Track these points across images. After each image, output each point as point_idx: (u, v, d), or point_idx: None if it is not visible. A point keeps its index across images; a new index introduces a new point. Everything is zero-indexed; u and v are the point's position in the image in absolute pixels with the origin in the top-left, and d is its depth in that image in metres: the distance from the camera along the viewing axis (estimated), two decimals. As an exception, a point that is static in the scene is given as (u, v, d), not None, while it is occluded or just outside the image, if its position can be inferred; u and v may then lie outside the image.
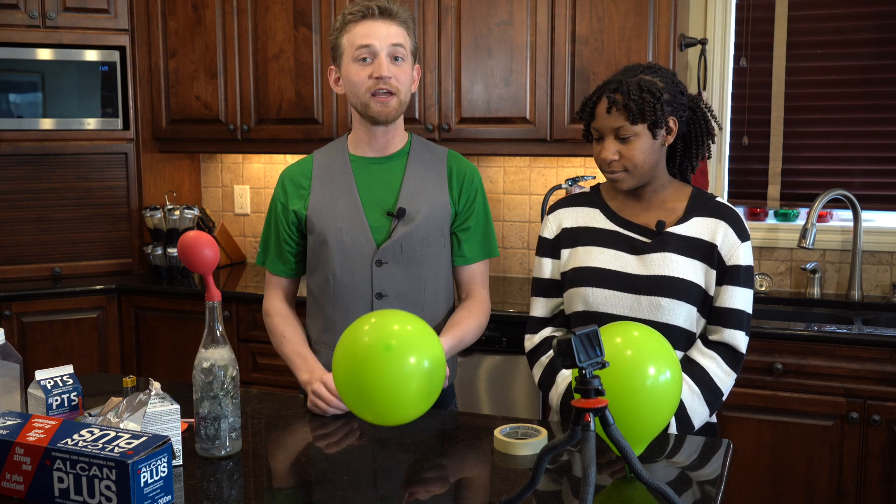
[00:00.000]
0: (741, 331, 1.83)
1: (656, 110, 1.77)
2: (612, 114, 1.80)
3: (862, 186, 3.20)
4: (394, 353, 1.46)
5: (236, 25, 3.55)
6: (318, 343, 2.09)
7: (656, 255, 1.84)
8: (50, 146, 3.57)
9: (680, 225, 1.85)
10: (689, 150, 1.93)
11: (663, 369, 1.50)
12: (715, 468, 1.62)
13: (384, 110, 1.97)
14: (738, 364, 1.84)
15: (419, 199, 2.02)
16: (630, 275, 1.84)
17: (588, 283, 1.87)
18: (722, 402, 1.84)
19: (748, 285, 1.84)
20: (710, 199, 1.89)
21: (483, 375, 3.03)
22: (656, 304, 1.82)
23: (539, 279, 2.00)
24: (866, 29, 3.16)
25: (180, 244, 1.68)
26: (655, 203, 1.90)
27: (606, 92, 1.81)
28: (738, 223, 1.85)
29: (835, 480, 2.71)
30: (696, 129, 1.90)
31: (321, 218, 2.03)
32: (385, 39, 1.94)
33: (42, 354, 3.39)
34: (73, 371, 1.73)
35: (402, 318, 1.54)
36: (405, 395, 1.48)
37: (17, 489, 1.44)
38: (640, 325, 1.58)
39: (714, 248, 1.83)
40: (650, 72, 1.83)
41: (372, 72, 1.95)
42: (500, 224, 3.65)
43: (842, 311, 3.10)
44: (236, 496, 1.51)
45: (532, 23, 3.16)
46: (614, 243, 1.88)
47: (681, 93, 1.84)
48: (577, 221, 1.95)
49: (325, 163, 2.09)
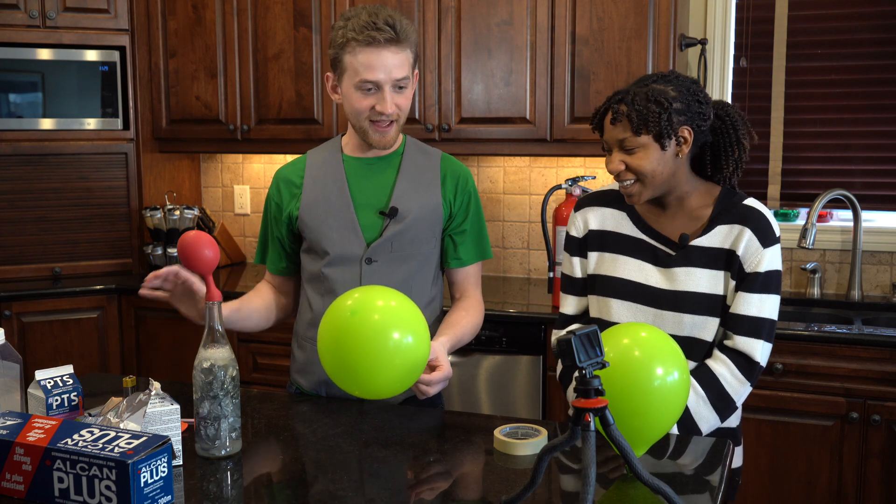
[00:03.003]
0: (756, 339, 1.76)
1: (661, 120, 1.72)
2: (615, 125, 1.77)
3: (862, 186, 3.20)
4: (359, 316, 1.61)
5: (236, 25, 3.55)
6: (304, 339, 2.09)
7: (680, 270, 1.80)
8: (50, 146, 3.57)
9: (703, 236, 1.81)
10: (717, 161, 1.85)
11: (671, 370, 1.50)
12: (715, 468, 1.62)
13: (383, 139, 1.99)
14: (752, 372, 1.77)
15: (411, 200, 2.03)
16: (654, 288, 1.82)
17: (612, 295, 1.85)
18: (735, 408, 1.79)
19: (767, 291, 1.77)
20: (737, 203, 1.82)
21: (483, 375, 3.03)
22: (679, 319, 1.79)
23: (569, 277, 1.97)
24: (866, 29, 3.16)
25: (180, 244, 1.68)
26: (681, 211, 1.85)
27: (612, 103, 1.78)
28: (764, 226, 1.78)
29: (835, 480, 2.71)
30: (724, 139, 1.82)
31: (312, 216, 2.04)
32: (390, 73, 1.90)
33: (42, 354, 3.39)
34: (73, 371, 1.72)
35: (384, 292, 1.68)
36: (383, 355, 1.59)
37: (17, 489, 1.44)
38: (648, 326, 1.58)
39: (734, 256, 1.78)
40: (664, 81, 1.77)
41: (375, 104, 1.93)
42: (500, 224, 3.65)
43: (842, 311, 3.10)
44: (236, 496, 1.51)
45: (532, 23, 3.16)
46: (639, 252, 1.85)
47: (699, 101, 1.77)
48: (605, 224, 1.91)
49: (318, 162, 2.10)
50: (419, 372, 1.69)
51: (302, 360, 2.11)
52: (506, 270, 3.67)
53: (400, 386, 1.67)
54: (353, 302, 1.63)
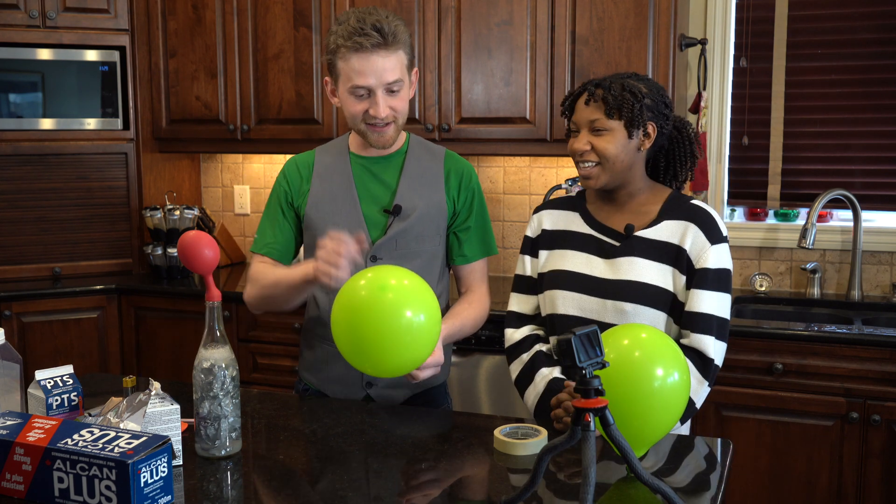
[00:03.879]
0: (709, 335, 1.78)
1: (634, 109, 1.80)
2: (589, 105, 1.83)
3: (862, 186, 3.20)
4: (390, 291, 1.61)
5: (236, 25, 3.56)
6: (312, 337, 2.09)
7: (623, 260, 1.85)
8: (50, 146, 3.57)
9: (649, 229, 1.86)
10: (670, 169, 1.95)
11: (671, 371, 1.50)
12: (715, 468, 1.62)
13: (381, 139, 1.99)
14: (708, 371, 1.78)
15: (416, 197, 2.04)
16: (598, 279, 1.86)
17: (559, 286, 1.89)
18: (695, 410, 1.79)
19: (719, 289, 1.81)
20: (685, 202, 1.88)
21: (483, 375, 3.03)
22: (620, 308, 1.82)
23: (520, 276, 2.02)
24: (866, 29, 3.16)
25: (180, 244, 1.68)
26: (630, 207, 1.91)
27: (589, 87, 1.85)
28: (710, 225, 1.83)
29: (835, 480, 2.71)
30: (680, 150, 1.93)
31: (318, 214, 2.05)
32: (381, 77, 1.91)
33: (42, 354, 3.39)
34: (73, 371, 1.72)
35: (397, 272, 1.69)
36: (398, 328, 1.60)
37: (17, 489, 1.44)
38: (648, 327, 1.58)
39: (682, 252, 1.82)
40: (637, 79, 1.86)
41: (368, 108, 1.94)
42: (500, 224, 3.66)
43: (842, 311, 3.10)
44: (236, 496, 1.51)
45: (532, 23, 3.16)
46: (587, 247, 1.90)
47: (665, 104, 1.86)
48: (557, 224, 1.97)
49: (326, 160, 2.11)
50: (430, 350, 1.69)
51: (310, 358, 2.11)
52: (506, 270, 3.67)
53: (411, 364, 1.68)
54: (370, 280, 1.64)
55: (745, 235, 3.34)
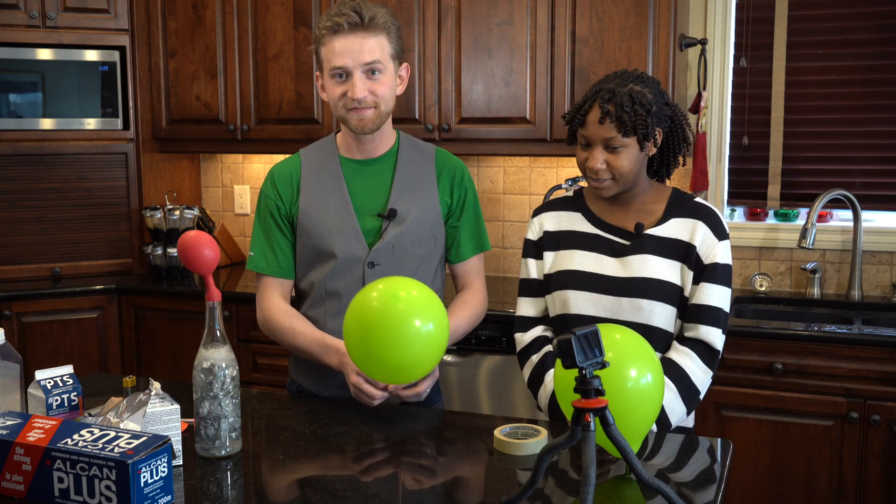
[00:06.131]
0: (717, 328, 1.84)
1: (647, 124, 1.80)
2: (604, 124, 1.80)
3: (862, 186, 3.20)
4: (401, 302, 1.67)
5: (236, 25, 3.56)
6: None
7: (635, 257, 1.86)
8: (50, 146, 3.57)
9: (658, 226, 1.88)
10: (665, 158, 1.96)
11: (644, 372, 1.50)
12: (715, 468, 1.62)
13: (360, 124, 1.97)
14: (713, 362, 1.84)
15: (410, 200, 2.03)
16: (610, 277, 1.87)
17: (570, 287, 1.90)
18: (699, 400, 1.84)
19: (725, 283, 1.85)
20: (688, 200, 1.91)
21: (483, 375, 3.03)
22: (636, 305, 1.84)
23: (525, 280, 2.02)
24: (866, 29, 3.16)
25: (180, 244, 1.68)
26: (635, 206, 1.92)
27: (600, 101, 1.81)
28: (716, 222, 1.87)
29: (835, 480, 2.71)
30: (674, 138, 1.93)
31: (312, 221, 2.03)
32: (358, 58, 1.91)
33: (42, 354, 3.39)
34: (73, 371, 1.73)
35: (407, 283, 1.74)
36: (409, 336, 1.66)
37: (17, 489, 1.44)
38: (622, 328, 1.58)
39: (692, 249, 1.85)
40: (640, 82, 1.84)
41: (346, 90, 1.94)
42: (500, 224, 3.66)
43: (842, 311, 3.10)
44: (236, 496, 1.51)
45: (532, 23, 3.16)
46: (595, 246, 1.91)
47: (666, 104, 1.87)
48: (560, 225, 1.98)
49: (314, 163, 2.08)
50: (438, 359, 1.75)
51: (305, 363, 2.10)
52: (506, 270, 3.67)
53: (421, 371, 1.73)
54: (385, 289, 1.71)
55: (745, 235, 3.34)
